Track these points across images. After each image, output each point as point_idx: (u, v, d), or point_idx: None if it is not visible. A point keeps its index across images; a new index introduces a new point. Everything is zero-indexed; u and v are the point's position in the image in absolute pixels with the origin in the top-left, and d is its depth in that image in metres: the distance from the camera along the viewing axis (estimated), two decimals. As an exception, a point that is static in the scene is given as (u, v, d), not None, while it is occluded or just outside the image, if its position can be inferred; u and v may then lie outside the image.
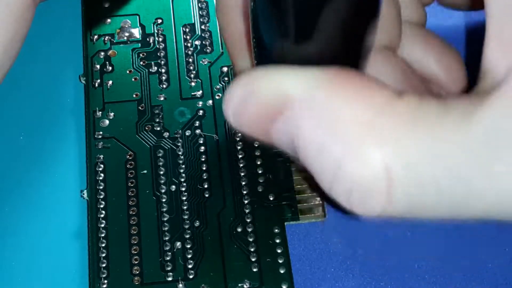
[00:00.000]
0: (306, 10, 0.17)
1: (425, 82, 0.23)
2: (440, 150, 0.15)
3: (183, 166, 0.25)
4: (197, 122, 0.26)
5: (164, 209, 0.24)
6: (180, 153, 0.25)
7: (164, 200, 0.24)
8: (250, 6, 0.18)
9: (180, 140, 0.26)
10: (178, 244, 0.24)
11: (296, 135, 0.16)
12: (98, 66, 0.27)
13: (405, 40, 0.23)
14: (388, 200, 0.16)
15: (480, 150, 0.15)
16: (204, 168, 0.25)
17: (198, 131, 0.26)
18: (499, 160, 0.15)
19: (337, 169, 0.16)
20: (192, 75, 0.27)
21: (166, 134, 0.26)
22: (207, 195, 0.25)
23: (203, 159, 0.25)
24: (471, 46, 0.28)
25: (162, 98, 0.26)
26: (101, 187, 0.25)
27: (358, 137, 0.16)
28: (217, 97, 0.26)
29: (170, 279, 0.23)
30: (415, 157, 0.15)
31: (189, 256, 0.23)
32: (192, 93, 0.27)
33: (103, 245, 0.23)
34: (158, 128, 0.26)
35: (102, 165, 0.25)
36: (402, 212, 0.16)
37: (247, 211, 0.24)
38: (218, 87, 0.27)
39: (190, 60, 0.27)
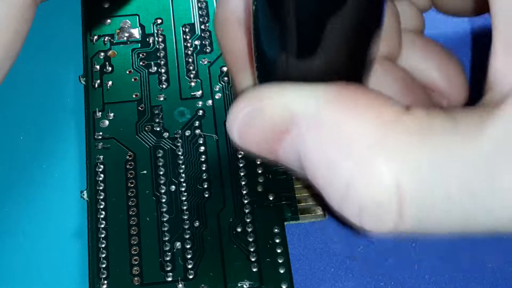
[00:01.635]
0: (310, 25, 0.17)
1: (426, 91, 0.23)
2: (451, 164, 0.15)
3: (183, 166, 0.25)
4: (197, 122, 0.26)
5: (164, 209, 0.24)
6: (180, 153, 0.25)
7: (164, 200, 0.24)
8: (252, 22, 0.18)
9: (180, 140, 0.26)
10: (178, 244, 0.24)
11: (303, 153, 0.16)
12: (98, 67, 0.27)
13: (405, 48, 0.23)
14: (400, 217, 0.16)
15: (490, 164, 0.15)
16: (204, 168, 0.25)
17: (198, 131, 0.26)
18: (508, 175, 0.15)
19: (347, 187, 0.16)
20: (192, 75, 0.27)
21: (166, 134, 0.26)
22: (206, 195, 0.25)
23: (203, 159, 0.25)
24: (469, 51, 0.28)
25: (162, 98, 0.26)
26: (101, 188, 0.25)
27: (368, 154, 0.15)
28: (216, 97, 0.26)
29: (170, 279, 0.23)
30: (425, 173, 0.15)
31: (189, 256, 0.23)
32: (192, 93, 0.27)
33: (103, 245, 0.23)
34: (158, 129, 0.26)
35: (102, 166, 0.25)
36: (413, 228, 0.16)
37: (247, 211, 0.24)
38: (218, 87, 0.27)
39: (190, 60, 0.27)
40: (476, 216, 0.15)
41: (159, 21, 0.28)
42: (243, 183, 0.25)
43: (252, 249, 0.24)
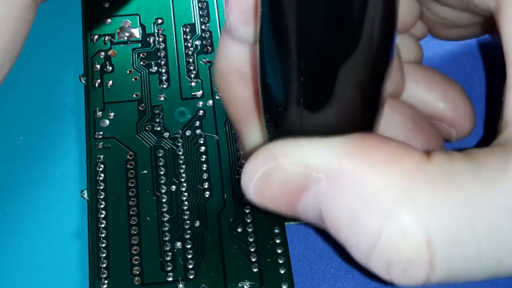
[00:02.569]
0: (322, 74, 0.16)
1: (434, 122, 0.23)
2: (478, 210, 0.15)
3: (183, 166, 0.25)
4: (197, 122, 0.26)
5: (164, 209, 0.24)
6: (180, 153, 0.25)
7: (164, 200, 0.24)
8: (259, 74, 0.18)
9: (180, 140, 0.26)
10: (178, 244, 0.24)
11: (325, 209, 0.16)
12: (98, 66, 0.27)
13: (408, 81, 0.23)
14: (431, 270, 0.15)
15: None
16: (204, 168, 0.25)
17: (198, 131, 0.26)
18: None
19: (375, 242, 0.15)
20: (192, 75, 0.27)
21: (166, 134, 0.26)
22: (207, 195, 0.25)
23: (203, 159, 0.25)
24: (478, 60, 0.28)
25: (162, 98, 0.26)
26: (101, 187, 0.25)
27: (394, 206, 0.15)
28: (217, 97, 0.26)
29: (170, 279, 0.23)
30: (453, 222, 0.15)
31: (189, 256, 0.23)
32: (192, 93, 0.27)
33: (103, 245, 0.23)
34: (158, 128, 0.26)
35: (102, 165, 0.25)
36: (444, 279, 0.16)
37: (247, 211, 0.24)
38: (218, 87, 0.27)
39: (190, 60, 0.27)
40: (507, 259, 0.15)
41: (159, 21, 0.28)
42: (243, 183, 0.25)
43: (252, 250, 0.24)
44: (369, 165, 0.16)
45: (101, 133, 0.26)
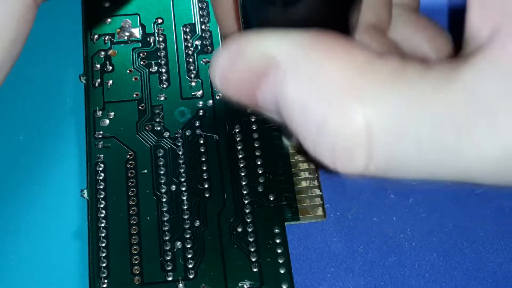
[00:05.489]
0: None
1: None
2: (422, 109, 0.15)
3: (183, 166, 0.25)
4: (198, 122, 0.26)
5: (164, 209, 0.24)
6: (180, 153, 0.25)
7: (164, 200, 0.24)
8: None
9: (181, 140, 0.26)
10: (178, 244, 0.24)
11: (280, 96, 0.17)
12: (98, 66, 0.27)
13: (397, 22, 0.23)
14: (370, 157, 0.16)
15: (460, 111, 0.15)
16: (204, 168, 0.25)
17: (198, 131, 0.26)
18: (476, 124, 0.15)
19: (320, 127, 0.16)
20: (192, 75, 0.27)
21: (166, 134, 0.26)
22: (207, 195, 0.25)
23: (203, 159, 0.25)
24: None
25: (162, 98, 0.26)
26: (101, 187, 0.25)
27: (341, 95, 0.16)
28: (217, 97, 0.26)
29: (170, 278, 0.23)
30: (396, 116, 0.16)
31: (189, 256, 0.23)
32: (193, 93, 0.27)
33: (103, 244, 0.23)
34: (159, 128, 0.26)
35: (102, 165, 0.25)
36: (383, 169, 0.16)
37: (247, 211, 0.24)
38: (218, 87, 0.27)
39: (191, 60, 0.27)
40: (445, 161, 0.16)
41: (159, 20, 0.28)
42: (243, 183, 0.25)
43: (252, 249, 0.24)
44: (322, 56, 0.16)
45: (101, 132, 0.26)
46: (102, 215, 0.24)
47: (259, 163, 0.25)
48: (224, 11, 0.22)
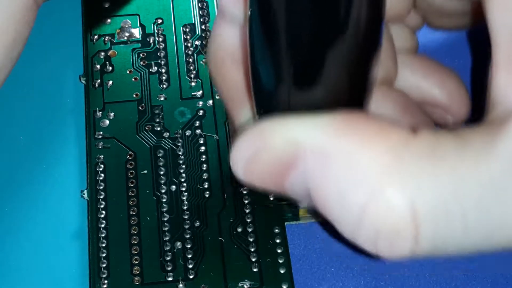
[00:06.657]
0: (309, 55, 0.16)
1: (426, 108, 0.23)
2: (463, 185, 0.15)
3: (183, 166, 0.25)
4: (197, 122, 0.26)
5: (164, 209, 0.24)
6: (180, 153, 0.25)
7: (164, 200, 0.24)
8: (249, 55, 0.18)
9: (180, 140, 0.26)
10: (178, 244, 0.24)
11: (312, 186, 0.16)
12: (98, 66, 0.27)
13: (402, 69, 0.23)
14: (416, 242, 0.16)
15: (502, 182, 0.15)
16: (204, 168, 0.25)
17: (198, 131, 0.26)
18: None
19: (361, 216, 0.16)
20: (192, 75, 0.27)
21: (166, 134, 0.26)
22: (207, 195, 0.25)
23: (203, 159, 0.25)
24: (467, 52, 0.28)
25: (162, 98, 0.26)
26: (101, 187, 0.25)
27: (380, 181, 0.15)
28: (217, 97, 0.26)
29: (170, 279, 0.23)
30: (439, 196, 0.15)
31: (189, 256, 0.23)
32: (192, 93, 0.27)
33: (103, 245, 0.23)
34: (158, 128, 0.26)
35: (102, 165, 0.25)
36: (430, 251, 0.16)
37: (247, 211, 0.24)
38: (218, 87, 0.27)
39: (190, 60, 0.27)
40: (492, 233, 0.15)
41: (159, 21, 0.28)
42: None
43: (252, 249, 0.24)
44: (355, 141, 0.16)
45: (101, 133, 0.26)
46: (102, 216, 0.24)
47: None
48: (231, 88, 0.21)
